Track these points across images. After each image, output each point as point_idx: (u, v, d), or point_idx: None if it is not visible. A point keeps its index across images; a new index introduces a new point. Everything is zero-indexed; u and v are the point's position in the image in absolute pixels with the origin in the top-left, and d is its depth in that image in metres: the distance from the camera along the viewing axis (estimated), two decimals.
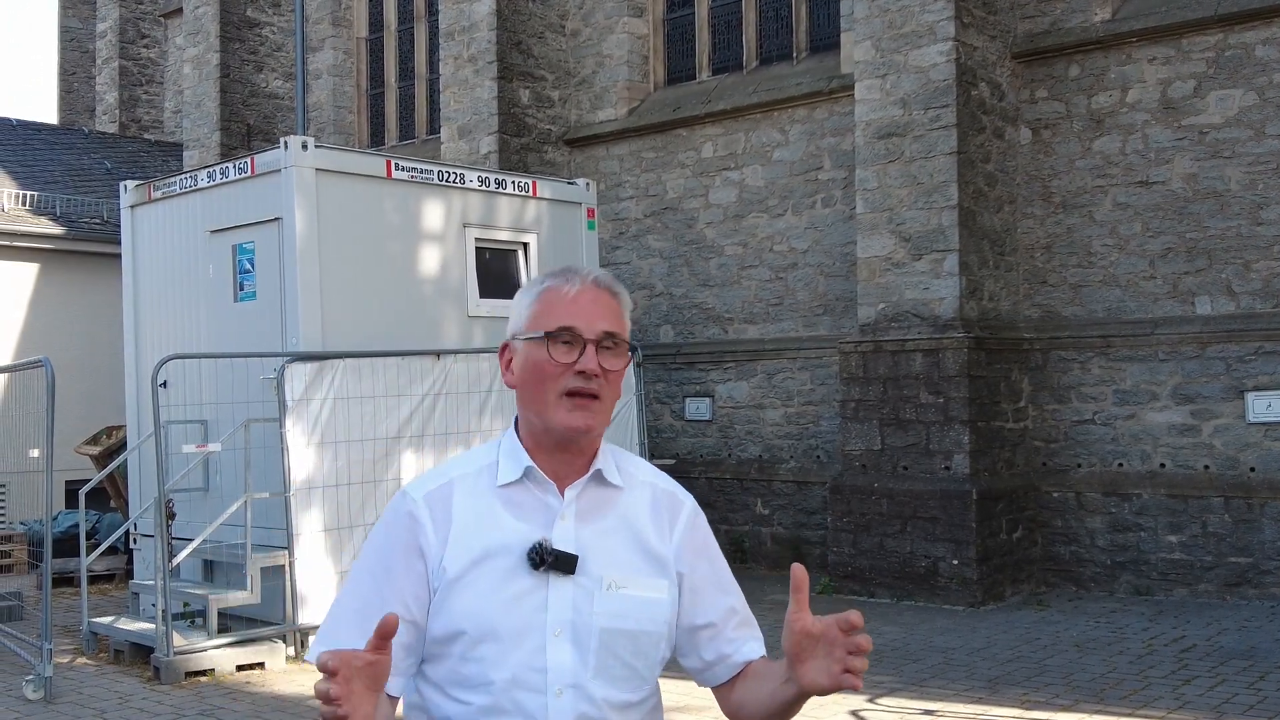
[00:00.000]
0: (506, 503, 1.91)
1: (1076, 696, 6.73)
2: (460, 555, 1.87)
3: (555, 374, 1.90)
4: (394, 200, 9.42)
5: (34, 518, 11.72)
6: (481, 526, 1.89)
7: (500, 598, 1.84)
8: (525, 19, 13.38)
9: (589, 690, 1.86)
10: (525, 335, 1.94)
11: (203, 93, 17.47)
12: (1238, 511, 9.22)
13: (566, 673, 1.85)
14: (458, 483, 1.94)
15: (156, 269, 9.93)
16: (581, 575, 1.87)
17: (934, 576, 9.57)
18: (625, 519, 1.96)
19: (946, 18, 9.77)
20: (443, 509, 1.91)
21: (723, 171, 12.33)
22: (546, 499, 1.92)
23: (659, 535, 1.98)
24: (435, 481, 1.96)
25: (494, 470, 1.95)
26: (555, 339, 1.90)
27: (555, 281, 1.97)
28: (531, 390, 1.93)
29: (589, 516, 1.93)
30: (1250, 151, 9.38)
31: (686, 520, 2.03)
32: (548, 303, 1.94)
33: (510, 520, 1.90)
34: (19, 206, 14.71)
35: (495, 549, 1.87)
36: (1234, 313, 9.43)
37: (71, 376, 12.76)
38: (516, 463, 1.94)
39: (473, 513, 1.90)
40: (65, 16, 23.40)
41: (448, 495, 1.92)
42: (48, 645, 7.38)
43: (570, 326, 1.90)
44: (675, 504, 2.04)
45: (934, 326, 9.83)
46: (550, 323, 1.91)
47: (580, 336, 1.90)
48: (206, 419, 9.10)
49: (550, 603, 1.86)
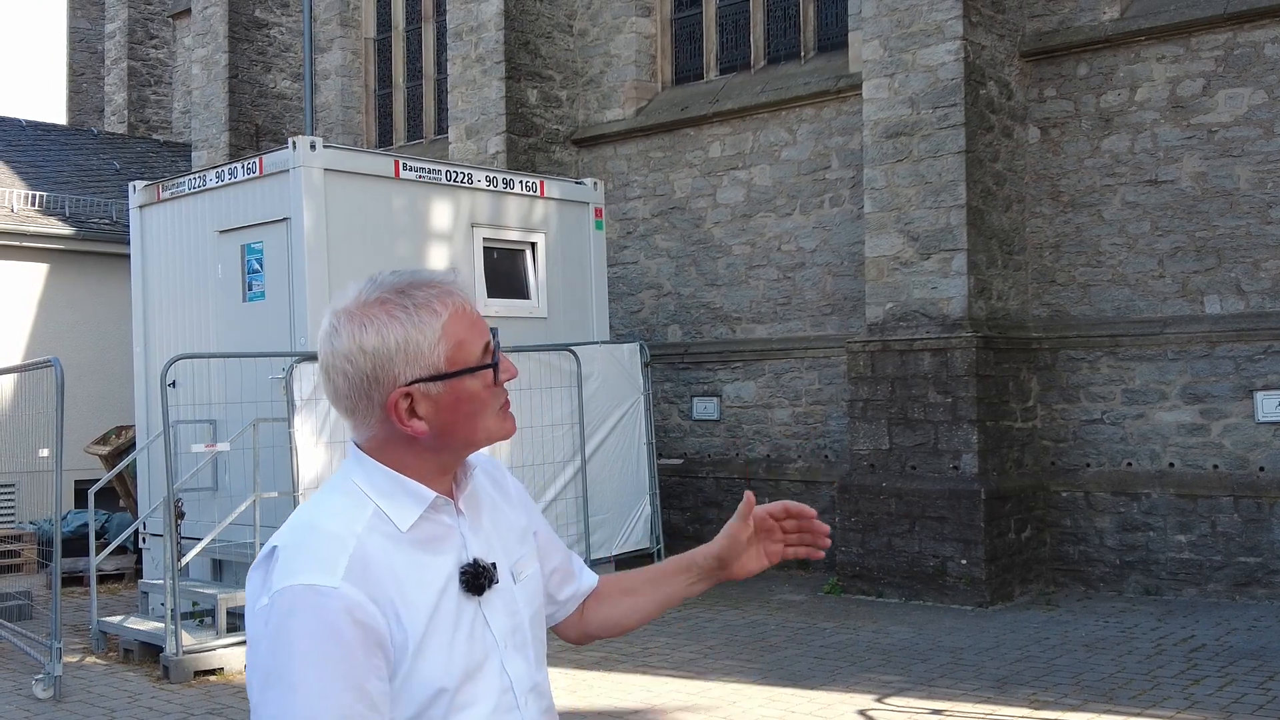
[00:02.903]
0: (420, 546, 1.73)
1: (1085, 696, 6.72)
2: (415, 622, 1.67)
3: (491, 395, 1.77)
4: (402, 200, 9.44)
5: (43, 517, 11.76)
6: (418, 584, 1.70)
7: (461, 638, 1.73)
8: (533, 19, 13.39)
9: (539, 683, 1.86)
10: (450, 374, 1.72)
11: (211, 93, 17.51)
12: (1247, 511, 9.20)
13: (524, 679, 1.82)
14: (368, 547, 1.67)
15: (165, 269, 9.96)
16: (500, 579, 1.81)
17: (942, 576, 9.56)
18: (491, 504, 1.90)
19: (955, 16, 9.76)
20: (375, 584, 1.65)
21: (730, 171, 12.32)
22: (443, 520, 1.77)
23: (510, 505, 1.95)
24: (339, 558, 1.64)
25: (382, 518, 1.71)
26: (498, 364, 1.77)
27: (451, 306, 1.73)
28: (464, 424, 1.75)
29: (475, 519, 1.84)
30: (1259, 150, 9.35)
31: (510, 479, 2.01)
32: (459, 330, 1.73)
33: (431, 560, 1.73)
34: (28, 207, 14.75)
35: (439, 597, 1.71)
36: (1243, 312, 9.40)
37: (81, 376, 12.80)
38: (412, 498, 1.74)
39: (403, 576, 1.69)
40: (74, 17, 23.47)
41: (369, 567, 1.65)
42: (57, 644, 7.40)
43: (488, 344, 1.77)
44: (497, 469, 2.00)
45: (942, 326, 9.82)
46: (475, 351, 1.74)
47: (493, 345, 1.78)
48: (215, 418, 9.12)
49: (490, 619, 1.78)
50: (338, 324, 1.72)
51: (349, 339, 1.70)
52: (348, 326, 1.71)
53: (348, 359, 1.71)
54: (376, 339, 1.69)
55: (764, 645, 8.24)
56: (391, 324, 1.69)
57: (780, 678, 7.32)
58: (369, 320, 1.70)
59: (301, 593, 1.59)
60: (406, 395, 1.70)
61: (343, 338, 1.71)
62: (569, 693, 7.10)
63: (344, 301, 1.74)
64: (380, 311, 1.70)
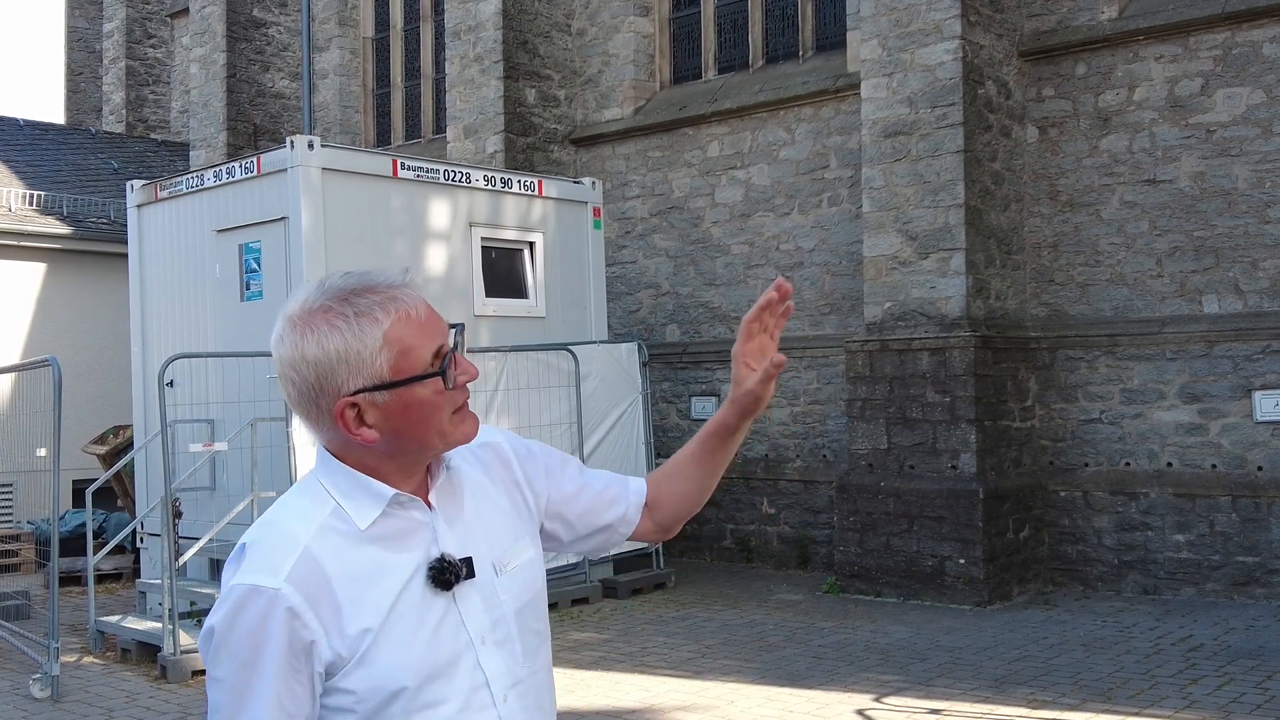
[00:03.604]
0: (379, 542, 1.71)
1: (1083, 696, 6.71)
2: (368, 620, 1.67)
3: (445, 399, 1.72)
4: (400, 199, 9.43)
5: (41, 517, 11.75)
6: (373, 582, 1.69)
7: (424, 636, 1.70)
8: (531, 18, 13.39)
9: (524, 678, 1.82)
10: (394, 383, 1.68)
11: (209, 93, 17.50)
12: (1245, 511, 9.20)
13: (505, 675, 1.78)
14: (316, 549, 1.67)
15: (163, 268, 9.95)
16: (477, 573, 1.78)
17: (941, 576, 9.56)
18: (474, 496, 1.86)
19: (953, 16, 9.76)
20: (320, 588, 1.65)
21: (729, 170, 12.32)
22: (413, 515, 1.76)
23: (506, 490, 1.92)
24: (286, 559, 1.66)
25: (342, 515, 1.71)
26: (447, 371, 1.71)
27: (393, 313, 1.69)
28: (418, 427, 1.72)
29: (452, 512, 1.81)
30: (1258, 149, 9.35)
31: (515, 456, 1.96)
32: (404, 337, 1.69)
33: (394, 557, 1.72)
34: (26, 206, 14.74)
35: (398, 594, 1.70)
36: (1241, 311, 9.40)
37: (78, 376, 12.79)
38: (372, 496, 1.73)
39: (354, 572, 1.68)
40: (72, 17, 23.45)
41: (316, 571, 1.66)
42: (55, 644, 7.39)
43: (441, 348, 1.72)
44: (497, 451, 1.95)
45: (941, 325, 9.81)
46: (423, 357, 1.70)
47: (446, 351, 1.72)
48: (213, 418, 9.12)
49: (465, 616, 1.75)
50: (283, 332, 1.71)
51: (291, 348, 1.70)
52: (290, 335, 1.70)
53: (293, 368, 1.70)
54: (317, 349, 1.68)
55: (762, 645, 8.23)
56: (332, 334, 1.67)
57: (778, 677, 7.32)
58: (310, 329, 1.68)
59: (246, 592, 1.64)
60: (353, 405, 1.68)
61: (286, 346, 1.70)
62: (566, 692, 7.09)
63: (290, 307, 1.72)
64: (322, 320, 1.68)
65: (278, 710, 1.64)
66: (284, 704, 1.64)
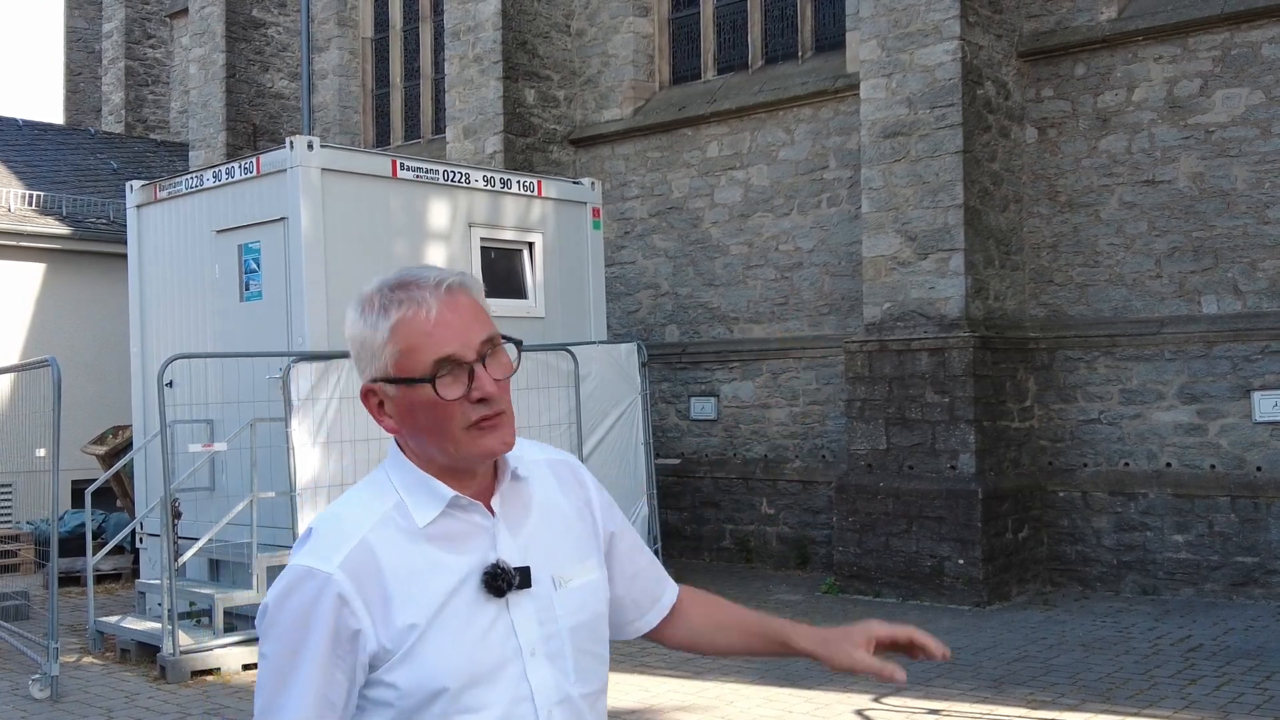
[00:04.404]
0: (436, 541, 1.73)
1: (1083, 696, 6.72)
2: (415, 616, 1.68)
3: (453, 411, 1.70)
4: (399, 200, 9.43)
5: (40, 517, 11.75)
6: (424, 577, 1.70)
7: (471, 639, 1.70)
8: (530, 19, 13.39)
9: (574, 697, 1.79)
10: (397, 379, 1.70)
11: (208, 93, 17.50)
12: (1244, 511, 9.21)
13: (551, 690, 1.76)
14: (373, 540, 1.70)
15: (162, 269, 9.95)
16: (534, 583, 1.77)
17: (940, 576, 9.56)
18: (544, 508, 1.85)
19: (952, 17, 9.76)
20: (371, 578, 1.68)
21: (728, 171, 12.32)
22: (474, 519, 1.76)
23: (577, 510, 1.91)
24: (343, 546, 1.69)
25: (404, 512, 1.74)
26: (440, 379, 1.68)
27: (404, 309, 1.70)
28: (428, 431, 1.73)
29: (516, 521, 1.80)
30: (1257, 150, 9.36)
31: (590, 480, 1.97)
32: (409, 336, 1.69)
33: (450, 558, 1.73)
34: (25, 206, 14.74)
35: (449, 594, 1.70)
36: (1240, 312, 9.41)
37: (78, 376, 12.79)
38: (432, 496, 1.74)
39: (408, 567, 1.70)
40: (71, 17, 23.45)
41: (369, 559, 1.69)
42: (54, 644, 7.39)
43: (449, 356, 1.68)
44: (572, 470, 1.96)
45: (940, 326, 9.82)
46: (424, 361, 1.68)
47: (461, 361, 1.69)
48: (212, 418, 9.11)
49: (517, 624, 1.74)
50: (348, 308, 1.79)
51: (347, 325, 1.78)
52: (348, 312, 1.78)
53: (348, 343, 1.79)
54: (350, 330, 1.76)
55: None
56: (361, 319, 1.73)
57: (777, 677, 7.32)
58: (353, 310, 1.76)
59: (300, 573, 1.69)
60: (372, 391, 1.74)
61: (346, 322, 1.79)
62: None
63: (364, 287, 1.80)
64: (364, 304, 1.74)
65: (317, 695, 1.66)
66: (324, 690, 1.67)
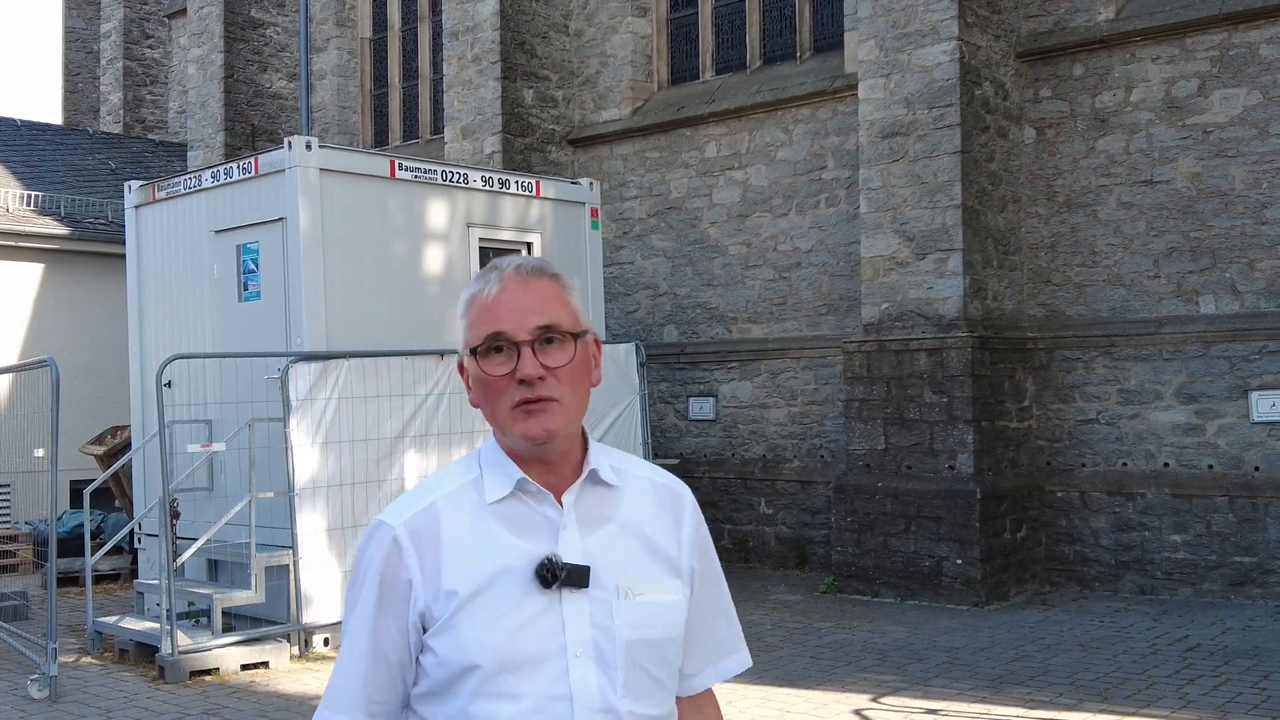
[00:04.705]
0: (501, 520, 1.75)
1: (1080, 696, 6.72)
2: (460, 584, 1.70)
3: (500, 389, 1.73)
4: (398, 200, 9.43)
5: (39, 517, 11.74)
6: (479, 550, 1.72)
7: (513, 623, 1.69)
8: (529, 19, 13.39)
9: (619, 711, 1.72)
10: (465, 353, 1.78)
11: (207, 93, 17.50)
12: (1242, 511, 9.22)
13: (594, 696, 1.70)
14: (442, 505, 1.76)
15: (161, 269, 9.95)
16: (595, 587, 1.73)
17: (938, 576, 9.57)
18: (629, 520, 1.81)
19: (950, 17, 9.77)
20: (429, 537, 1.74)
21: (726, 171, 12.33)
22: (544, 510, 1.76)
23: (666, 533, 1.85)
24: (414, 507, 1.77)
25: (479, 486, 1.78)
26: (486, 352, 1.73)
27: (478, 284, 1.78)
28: (485, 407, 1.77)
29: (591, 523, 1.78)
30: (1254, 150, 9.37)
31: (691, 515, 1.90)
32: (474, 312, 1.76)
33: (508, 538, 1.73)
34: (24, 207, 14.73)
35: (498, 572, 1.71)
36: (1238, 312, 9.42)
37: (76, 376, 12.79)
38: (505, 475, 1.77)
39: (466, 536, 1.73)
40: (69, 17, 23.44)
41: (433, 521, 1.75)
42: (53, 644, 7.39)
43: (498, 332, 1.72)
44: (677, 499, 1.90)
45: (938, 326, 9.82)
46: (480, 335, 1.74)
47: (512, 340, 1.72)
48: (211, 419, 9.12)
49: (567, 622, 1.71)
50: None
51: None
52: None
53: None
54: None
55: (760, 645, 8.24)
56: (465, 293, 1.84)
57: (776, 677, 7.32)
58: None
59: (373, 526, 1.80)
60: (461, 363, 1.83)
61: None
62: None
63: None
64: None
65: (371, 640, 1.75)
66: (376, 639, 1.75)
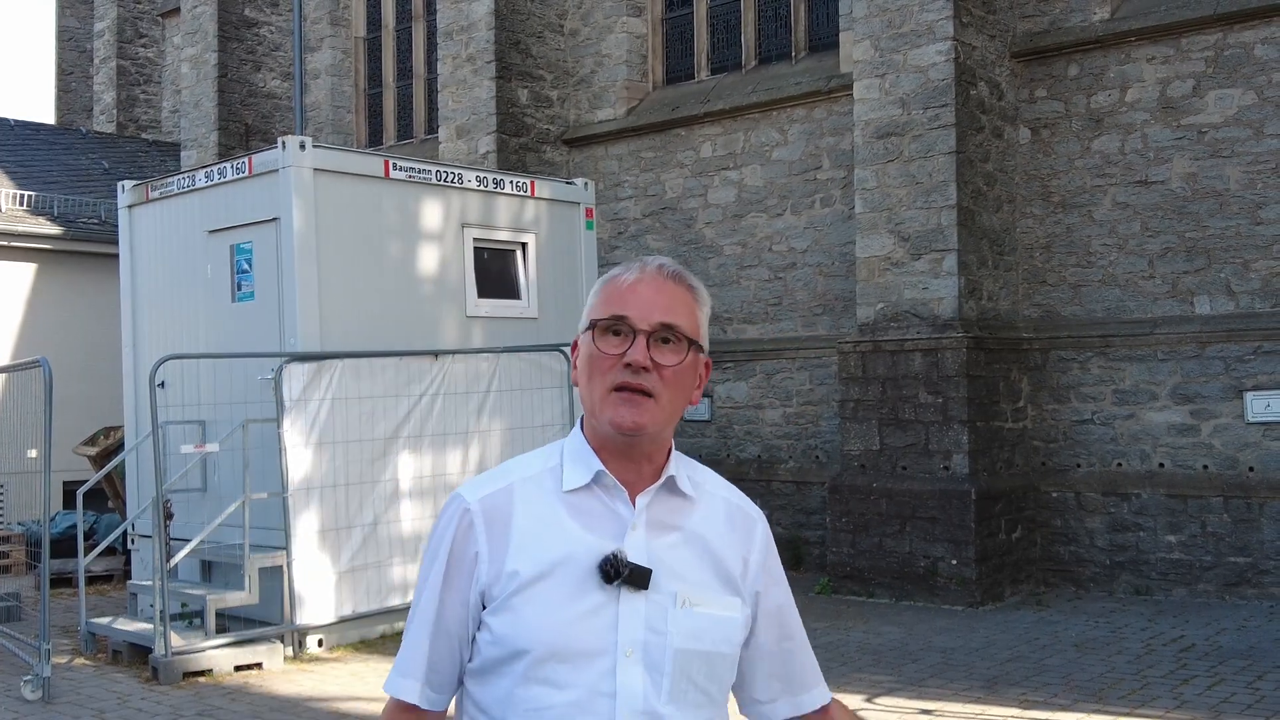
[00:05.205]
0: (573, 510, 1.78)
1: (1075, 696, 6.72)
2: (523, 566, 1.73)
3: (605, 367, 1.77)
4: (392, 200, 9.41)
5: (32, 518, 11.70)
6: (546, 535, 1.76)
7: (569, 613, 1.71)
8: (524, 19, 13.37)
9: (661, 716, 1.73)
10: (584, 327, 1.83)
11: (201, 92, 17.46)
12: (1237, 511, 9.22)
13: (637, 697, 1.71)
14: (518, 487, 1.81)
15: (154, 269, 9.92)
16: (654, 591, 1.74)
17: (933, 576, 9.56)
18: (697, 532, 1.82)
19: (945, 17, 9.76)
20: (501, 515, 1.78)
21: (722, 171, 12.32)
22: (616, 507, 1.78)
23: (733, 552, 1.86)
24: (493, 485, 1.82)
25: (558, 474, 1.81)
26: (604, 328, 1.78)
27: (619, 270, 1.84)
28: (585, 385, 1.81)
29: (660, 528, 1.79)
30: (1249, 151, 9.37)
31: (762, 539, 1.91)
32: (607, 293, 1.82)
33: (577, 529, 1.76)
34: (17, 206, 14.69)
35: (562, 560, 1.74)
36: (1233, 312, 9.42)
37: (69, 377, 12.74)
38: (585, 467, 1.80)
39: (536, 520, 1.77)
40: (63, 16, 23.39)
41: (507, 501, 1.79)
42: (46, 646, 7.37)
43: (622, 315, 1.77)
44: (749, 521, 1.91)
45: (933, 326, 9.82)
46: (603, 311, 1.79)
47: (632, 326, 1.76)
48: (204, 419, 9.09)
49: (621, 620, 1.72)
50: None
51: None
52: None
53: None
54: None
55: None
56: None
57: None
58: None
59: (451, 498, 1.86)
60: (576, 343, 1.88)
61: None
62: None
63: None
64: None
65: (437, 610, 1.79)
66: (441, 609, 1.79)
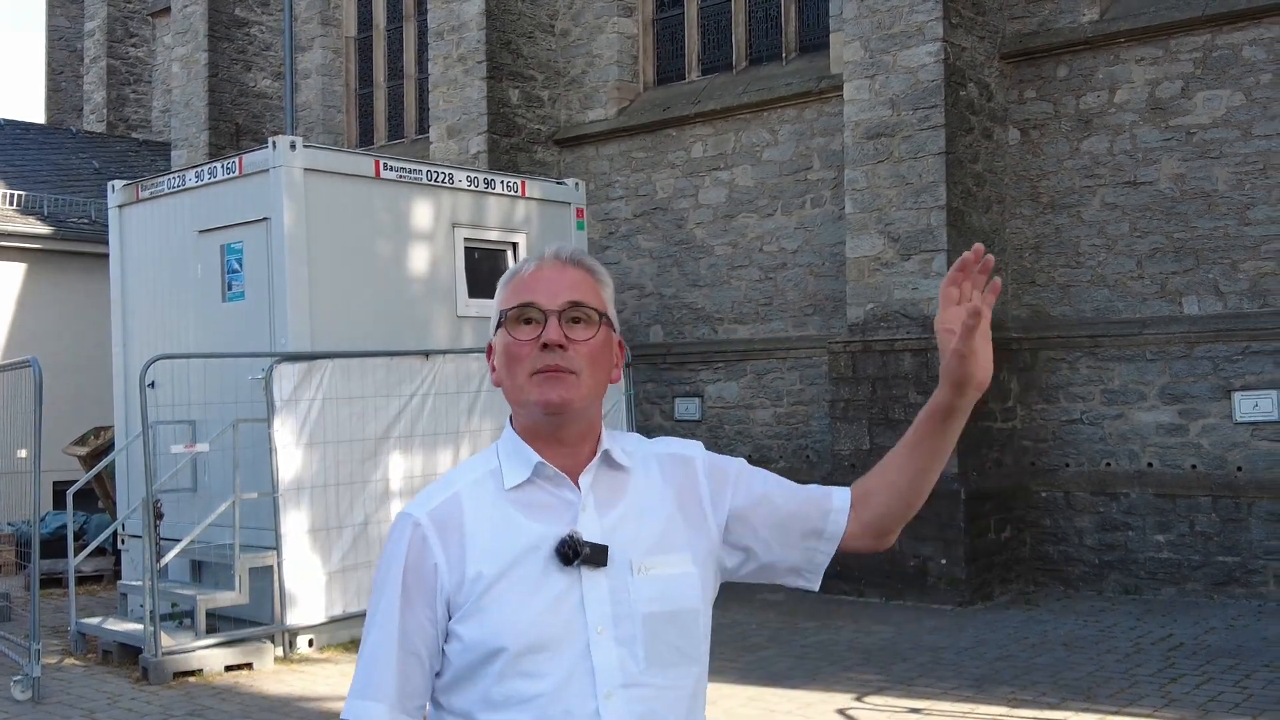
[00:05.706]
0: (521, 506, 1.82)
1: (1064, 695, 6.74)
2: (485, 568, 1.77)
3: (523, 354, 1.81)
4: (383, 200, 9.41)
5: (21, 518, 11.66)
6: (501, 534, 1.79)
7: (537, 605, 1.75)
8: (515, 19, 13.38)
9: (643, 684, 1.77)
10: (495, 325, 1.88)
11: (191, 92, 17.44)
12: (1225, 511, 9.26)
13: (615, 671, 1.76)
14: (464, 493, 1.84)
15: (145, 269, 9.91)
16: (612, 566, 1.79)
17: (923, 576, 9.58)
18: (640, 499, 1.88)
19: (935, 18, 9.79)
20: (453, 523, 1.81)
21: (712, 171, 12.34)
22: (563, 494, 1.83)
23: (686, 499, 1.91)
24: (438, 497, 1.85)
25: (498, 475, 1.85)
26: (515, 318, 1.83)
27: (518, 265, 1.91)
28: (506, 378, 1.85)
29: (606, 503, 1.84)
30: (1238, 151, 9.41)
31: (704, 468, 1.96)
32: (512, 286, 1.87)
33: (529, 523, 1.80)
34: (7, 206, 14.67)
35: (522, 554, 1.77)
36: (1221, 312, 9.46)
37: (59, 377, 12.71)
38: (523, 462, 1.84)
39: (488, 522, 1.80)
40: (53, 15, 23.33)
41: (456, 509, 1.82)
42: (36, 646, 7.36)
43: (530, 301, 1.82)
44: (686, 463, 1.96)
45: (923, 326, 9.84)
46: (512, 302, 1.85)
47: (542, 309, 1.81)
48: (195, 419, 9.08)
49: (587, 600, 1.77)
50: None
51: None
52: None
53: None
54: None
55: (745, 645, 8.25)
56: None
57: (761, 677, 7.33)
58: None
59: (399, 518, 1.86)
60: (490, 348, 1.91)
61: None
62: None
63: None
64: None
65: (399, 628, 1.79)
66: (405, 628, 1.79)
